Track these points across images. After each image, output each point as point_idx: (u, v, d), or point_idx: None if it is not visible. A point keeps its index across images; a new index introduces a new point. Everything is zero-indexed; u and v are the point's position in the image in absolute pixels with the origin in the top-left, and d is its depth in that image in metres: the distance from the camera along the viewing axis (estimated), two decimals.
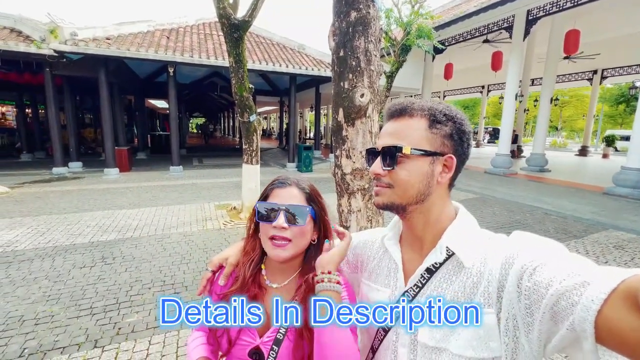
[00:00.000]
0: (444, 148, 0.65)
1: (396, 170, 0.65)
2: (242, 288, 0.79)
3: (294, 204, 0.76)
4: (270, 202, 0.77)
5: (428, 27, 8.42)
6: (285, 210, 0.75)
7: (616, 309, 0.38)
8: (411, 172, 0.64)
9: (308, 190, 0.81)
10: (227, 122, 39.02)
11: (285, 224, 0.74)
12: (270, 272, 0.83)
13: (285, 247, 0.75)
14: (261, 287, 0.81)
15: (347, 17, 1.62)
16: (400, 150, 0.64)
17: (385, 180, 0.67)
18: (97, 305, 2.89)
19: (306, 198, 0.79)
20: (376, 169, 0.68)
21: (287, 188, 0.79)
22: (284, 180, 0.81)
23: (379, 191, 0.68)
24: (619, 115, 32.44)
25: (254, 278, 0.81)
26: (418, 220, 0.68)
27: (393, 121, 0.69)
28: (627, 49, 13.37)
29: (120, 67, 10.89)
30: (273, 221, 0.74)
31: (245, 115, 5.44)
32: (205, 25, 12.18)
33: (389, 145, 0.65)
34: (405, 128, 0.66)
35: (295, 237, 0.75)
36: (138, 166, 11.49)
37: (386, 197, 0.67)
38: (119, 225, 5.12)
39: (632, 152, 7.84)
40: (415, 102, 0.67)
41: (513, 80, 10.88)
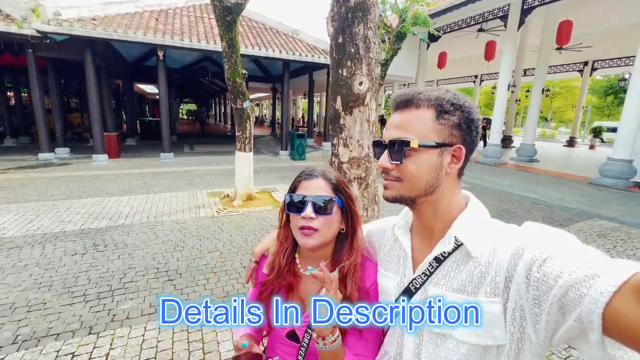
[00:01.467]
0: (452, 138, 0.64)
1: (404, 164, 0.65)
2: (279, 276, 0.85)
3: (321, 194, 0.79)
4: (298, 194, 0.81)
5: (424, 14, 8.32)
6: (312, 201, 0.78)
7: (625, 302, 0.38)
8: (419, 165, 0.64)
9: (334, 181, 0.83)
10: (218, 109, 38.32)
11: (312, 214, 0.77)
12: (304, 260, 0.87)
13: (313, 235, 0.78)
14: (296, 276, 0.86)
15: (347, 2, 1.58)
16: (408, 144, 0.63)
17: (393, 173, 0.67)
18: (91, 292, 2.88)
19: (332, 188, 0.82)
20: (384, 162, 0.67)
21: (314, 179, 0.82)
22: (311, 172, 0.83)
23: (388, 184, 0.69)
24: (607, 107, 32.99)
25: (289, 267, 0.86)
26: (427, 211, 0.68)
27: (399, 112, 0.68)
28: (618, 41, 13.49)
29: (108, 49, 10.51)
30: (301, 212, 0.78)
31: (238, 101, 5.35)
32: (195, 7, 11.78)
33: (396, 139, 0.65)
34: (412, 120, 0.65)
35: (322, 227, 0.78)
36: (127, 152, 11.26)
37: (395, 191, 0.68)
38: (109, 212, 5.05)
39: (618, 143, 8.02)
40: (422, 92, 0.66)
41: (506, 70, 10.91)
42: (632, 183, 7.90)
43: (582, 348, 0.44)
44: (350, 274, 0.79)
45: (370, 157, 1.78)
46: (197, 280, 3.15)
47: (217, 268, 3.41)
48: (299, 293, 0.85)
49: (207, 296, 2.90)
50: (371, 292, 0.81)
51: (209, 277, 3.22)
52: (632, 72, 7.83)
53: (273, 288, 0.85)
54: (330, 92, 1.73)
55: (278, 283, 0.85)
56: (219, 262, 3.54)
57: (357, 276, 0.80)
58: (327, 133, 13.82)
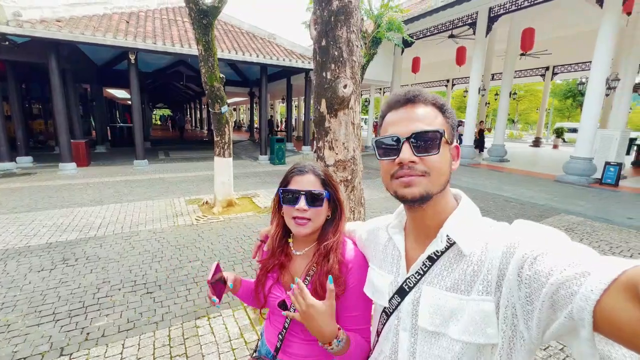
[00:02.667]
0: (451, 137, 0.67)
1: (434, 156, 0.63)
2: (273, 257, 0.98)
3: (312, 189, 0.89)
4: (292, 188, 0.90)
5: (398, 20, 8.55)
6: (305, 195, 0.88)
7: (615, 300, 0.38)
8: (443, 159, 0.64)
9: (323, 176, 0.93)
10: (194, 114, 37.38)
11: (306, 206, 0.88)
12: (296, 242, 1.00)
13: (306, 225, 0.89)
14: (287, 256, 0.99)
15: (329, 5, 1.59)
16: (443, 134, 0.63)
17: (419, 168, 0.63)
18: (61, 310, 2.69)
19: (322, 183, 0.92)
20: (409, 156, 0.63)
21: (306, 175, 0.91)
22: (302, 167, 0.93)
23: (412, 181, 0.64)
24: (566, 109, 35.27)
25: (282, 249, 0.99)
26: (431, 209, 0.67)
27: (410, 107, 0.66)
28: (575, 47, 14.49)
29: (74, 52, 10.00)
30: (295, 204, 0.88)
31: (216, 106, 5.24)
32: (168, 10, 11.48)
33: (427, 130, 0.63)
34: (428, 114, 0.65)
35: (314, 217, 0.89)
36: (97, 160, 10.72)
37: (422, 187, 0.63)
38: (79, 224, 4.77)
39: (580, 143, 8.58)
40: (422, 90, 0.67)
41: (476, 74, 11.42)
42: (593, 179, 8.46)
43: (572, 343, 0.45)
44: (333, 249, 0.90)
45: (355, 159, 1.79)
46: (177, 292, 3.02)
47: (198, 278, 3.30)
48: (290, 271, 0.98)
49: (188, 308, 2.78)
50: (351, 270, 0.88)
51: (190, 288, 3.10)
52: (589, 76, 8.44)
53: (268, 267, 0.97)
54: (314, 95, 1.73)
55: (272, 262, 0.97)
56: (201, 272, 3.42)
57: (339, 252, 0.90)
58: (307, 137, 13.82)
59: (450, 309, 0.61)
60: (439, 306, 0.62)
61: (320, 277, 0.87)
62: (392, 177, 0.66)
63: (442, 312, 0.62)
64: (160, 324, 2.55)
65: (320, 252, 0.90)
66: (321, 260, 0.89)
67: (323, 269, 0.87)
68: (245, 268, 3.53)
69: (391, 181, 0.67)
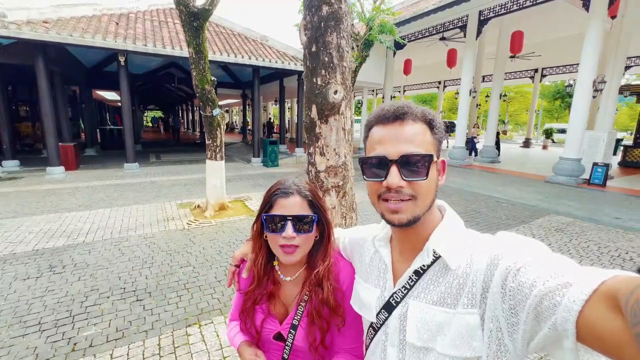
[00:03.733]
0: (438, 152, 0.66)
1: (423, 180, 0.62)
2: (259, 286, 0.88)
3: (300, 213, 0.80)
4: (277, 214, 0.80)
5: (390, 23, 8.62)
6: (292, 221, 0.79)
7: (597, 310, 0.38)
8: (430, 180, 0.63)
9: (310, 197, 0.84)
10: (185, 116, 37.07)
11: (293, 233, 0.78)
12: (283, 267, 0.90)
13: (295, 252, 0.81)
14: (275, 283, 0.90)
15: (319, 11, 1.58)
16: (432, 158, 0.62)
17: (407, 192, 0.62)
18: (47, 320, 2.62)
19: (309, 205, 0.83)
20: (397, 180, 0.61)
21: (291, 197, 0.81)
22: (286, 189, 0.83)
23: (400, 207, 0.62)
24: (555, 110, 35.92)
25: (268, 275, 0.90)
26: (418, 226, 0.66)
27: (398, 125, 0.64)
28: (563, 50, 14.78)
29: (62, 54, 9.81)
30: (281, 232, 0.79)
31: (207, 109, 5.19)
32: (159, 11, 11.37)
33: (415, 154, 0.61)
34: (417, 133, 0.63)
35: (302, 243, 0.81)
36: (87, 164, 10.54)
37: (410, 213, 0.62)
38: (67, 229, 4.67)
39: (568, 144, 8.73)
40: (412, 106, 0.65)
41: (467, 76, 11.55)
42: (581, 180, 8.61)
43: (556, 354, 0.45)
44: (325, 277, 0.83)
45: (347, 165, 1.78)
46: (168, 299, 2.97)
47: (190, 284, 3.25)
48: (280, 299, 0.90)
49: (179, 315, 2.74)
50: (347, 293, 0.84)
51: (181, 295, 3.05)
52: (577, 78, 8.60)
53: (255, 298, 0.88)
54: (305, 101, 1.71)
55: (260, 292, 0.88)
56: (192, 278, 3.37)
57: (332, 278, 0.85)
58: (300, 139, 13.80)
59: (438, 323, 0.60)
60: (426, 321, 0.62)
61: (315, 306, 0.83)
62: (379, 197, 0.65)
63: (429, 327, 0.61)
64: (150, 333, 2.50)
65: (312, 280, 0.85)
66: (314, 288, 0.84)
67: (317, 297, 0.83)
68: None
69: (379, 202, 0.65)
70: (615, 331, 0.37)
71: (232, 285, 0.97)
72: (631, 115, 28.33)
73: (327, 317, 0.82)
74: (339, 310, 0.82)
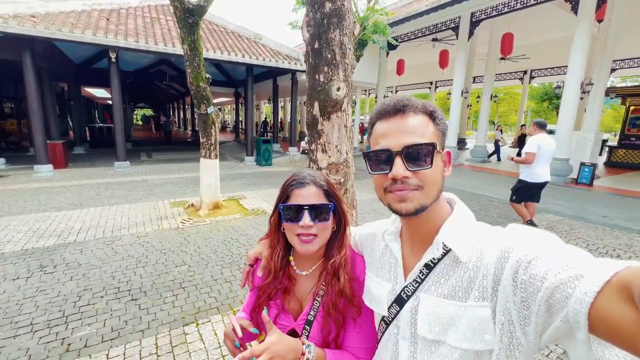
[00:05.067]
0: (442, 144, 0.67)
1: (428, 169, 0.62)
2: (275, 280, 0.88)
3: (316, 202, 0.81)
4: (294, 203, 0.81)
5: (383, 23, 8.67)
6: (309, 210, 0.80)
7: (609, 301, 0.38)
8: (436, 170, 0.64)
9: (326, 187, 0.85)
10: (177, 114, 36.58)
11: (311, 222, 0.79)
12: (299, 261, 0.91)
13: (313, 242, 0.81)
14: (291, 278, 0.89)
15: (322, 7, 1.59)
16: (436, 147, 0.62)
17: (412, 182, 0.62)
18: (39, 320, 2.56)
19: (325, 194, 0.84)
20: (402, 171, 0.62)
21: (307, 187, 0.83)
22: (302, 179, 0.84)
23: (406, 196, 0.63)
24: (543, 112, 36.60)
25: (284, 270, 0.89)
26: (426, 218, 0.66)
27: (400, 117, 0.65)
28: (552, 52, 15.09)
29: (50, 50, 9.57)
30: (299, 221, 0.80)
31: (202, 106, 5.14)
32: (151, 7, 11.19)
33: (418, 143, 0.62)
34: (419, 124, 0.64)
35: (320, 232, 0.82)
36: (76, 162, 10.32)
37: (417, 201, 0.63)
38: (57, 228, 4.57)
39: (557, 144, 8.90)
40: (412, 99, 0.66)
41: (459, 77, 11.69)
42: (569, 179, 8.81)
43: (569, 346, 0.45)
44: (342, 266, 0.84)
45: (348, 162, 1.79)
46: (164, 298, 2.94)
47: (185, 283, 3.22)
48: (295, 294, 0.89)
49: (176, 314, 2.71)
50: (363, 283, 0.84)
51: (177, 294, 3.02)
52: (565, 81, 8.79)
53: (270, 292, 0.87)
54: (307, 98, 1.72)
55: (274, 287, 0.87)
56: (188, 277, 3.34)
57: (349, 268, 0.85)
58: (293, 138, 13.76)
59: (449, 316, 0.61)
60: (437, 314, 0.62)
61: (332, 297, 0.82)
62: (385, 190, 0.65)
63: (440, 320, 0.62)
64: (146, 332, 2.47)
65: (328, 270, 0.84)
66: (330, 280, 0.83)
67: (334, 288, 0.82)
68: (234, 272, 3.47)
69: (385, 194, 0.66)
70: (629, 322, 0.36)
71: (245, 285, 0.95)
72: (615, 117, 29.12)
73: (343, 309, 0.81)
74: (355, 300, 0.81)
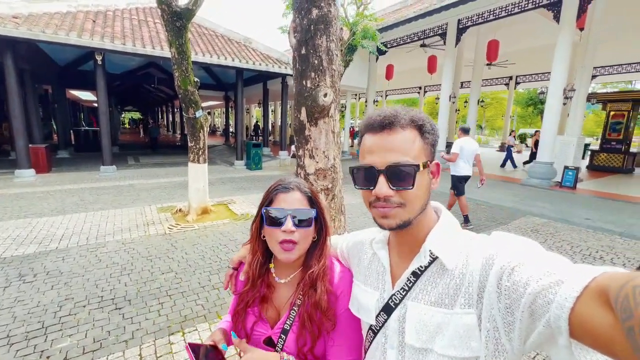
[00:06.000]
0: (431, 156, 0.67)
1: (409, 190, 0.62)
2: (253, 288, 0.87)
3: (300, 208, 0.81)
4: (277, 208, 0.81)
5: (373, 29, 8.77)
6: (292, 215, 0.79)
7: (587, 306, 0.39)
8: (420, 187, 0.64)
9: (310, 194, 0.85)
10: (165, 117, 36.10)
11: (293, 227, 0.79)
12: (278, 269, 0.90)
13: (293, 250, 0.80)
14: (269, 286, 0.88)
15: (309, 14, 1.59)
16: (418, 168, 0.62)
17: (395, 200, 0.63)
18: (16, 332, 2.46)
19: (308, 201, 0.84)
20: (385, 190, 0.62)
21: (291, 192, 0.83)
22: (287, 184, 0.84)
23: (388, 213, 0.64)
24: (528, 116, 37.58)
25: (263, 278, 0.88)
26: (413, 228, 0.67)
27: (386, 134, 0.64)
28: (536, 58, 15.52)
29: (33, 51, 9.35)
30: (281, 225, 0.79)
31: (190, 110, 5.08)
32: (139, 10, 11.07)
33: (401, 163, 0.62)
34: (404, 141, 0.63)
35: (301, 239, 0.81)
36: (60, 166, 10.05)
37: (399, 218, 0.64)
38: (39, 235, 4.42)
39: (542, 148, 9.15)
40: (401, 113, 0.65)
41: (447, 82, 11.90)
42: (553, 182, 9.04)
43: (551, 352, 0.46)
44: (320, 278, 0.82)
45: (336, 167, 1.79)
46: (149, 306, 2.86)
47: (172, 290, 3.15)
48: (273, 303, 0.88)
49: (161, 323, 2.64)
50: (340, 298, 0.82)
51: (163, 302, 2.95)
52: (549, 86, 9.04)
53: (248, 300, 0.87)
54: (294, 103, 1.71)
55: (252, 295, 0.87)
56: (174, 284, 3.27)
57: (326, 279, 0.83)
58: (284, 142, 13.74)
59: (436, 323, 0.61)
60: (424, 322, 0.62)
61: (307, 309, 0.80)
62: (370, 204, 0.66)
63: (428, 328, 0.62)
64: (130, 342, 2.40)
65: (306, 281, 0.83)
66: (307, 290, 0.82)
67: (310, 299, 0.81)
68: (222, 278, 3.42)
69: (370, 208, 0.67)
70: (607, 326, 0.37)
71: (228, 288, 0.95)
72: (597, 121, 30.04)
73: (319, 321, 0.80)
74: (329, 313, 0.80)
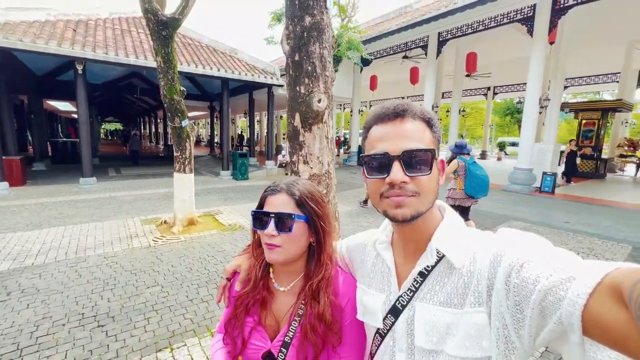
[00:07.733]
0: (438, 152, 0.65)
1: (426, 175, 0.61)
2: (254, 288, 0.83)
3: (282, 211, 0.77)
4: (261, 210, 0.79)
5: (357, 40, 9.00)
6: (274, 218, 0.76)
7: (601, 303, 0.38)
8: (433, 176, 0.62)
9: (298, 196, 0.78)
10: (148, 128, 35.38)
11: (274, 231, 0.75)
12: (277, 275, 0.86)
13: (277, 250, 0.76)
14: (270, 291, 0.85)
15: (302, 21, 1.61)
16: (434, 153, 0.61)
17: (410, 188, 0.61)
18: None
19: (296, 204, 0.78)
20: (400, 176, 0.60)
21: (277, 195, 0.79)
22: (276, 186, 0.81)
23: (403, 202, 0.61)
24: (506, 125, 39.10)
25: (263, 282, 0.85)
26: (420, 224, 0.65)
27: (399, 122, 0.63)
28: (512, 70, 16.26)
29: (9, 60, 9.00)
30: (265, 228, 0.76)
31: (176, 120, 5.01)
32: (121, 19, 10.93)
33: (418, 149, 0.60)
34: (417, 130, 0.62)
35: (284, 243, 0.76)
36: (35, 179, 9.62)
37: (413, 208, 0.61)
38: (13, 251, 4.18)
39: (521, 155, 9.52)
40: (411, 104, 0.65)
41: (430, 93, 12.26)
42: (533, 188, 9.37)
43: (562, 349, 0.45)
44: (322, 288, 0.77)
45: (330, 173, 1.79)
46: (134, 322, 2.74)
47: (158, 305, 3.02)
48: (272, 311, 0.83)
49: (148, 340, 2.53)
50: (346, 309, 0.78)
51: (149, 317, 2.82)
52: (525, 96, 9.47)
53: (248, 302, 0.83)
54: (288, 110, 1.71)
55: (253, 296, 0.83)
56: (161, 298, 3.14)
57: (330, 290, 0.78)
58: (270, 152, 13.69)
59: (446, 324, 0.59)
60: (434, 323, 0.61)
61: (310, 320, 0.76)
62: (381, 196, 0.63)
63: (437, 329, 0.60)
64: None
65: (306, 292, 0.79)
66: (309, 301, 0.78)
67: (313, 310, 0.76)
68: (211, 291, 3.32)
69: (381, 200, 0.64)
70: (621, 323, 0.36)
71: (221, 302, 0.89)
72: (569, 129, 31.55)
73: (323, 334, 0.76)
74: (335, 327, 0.76)
